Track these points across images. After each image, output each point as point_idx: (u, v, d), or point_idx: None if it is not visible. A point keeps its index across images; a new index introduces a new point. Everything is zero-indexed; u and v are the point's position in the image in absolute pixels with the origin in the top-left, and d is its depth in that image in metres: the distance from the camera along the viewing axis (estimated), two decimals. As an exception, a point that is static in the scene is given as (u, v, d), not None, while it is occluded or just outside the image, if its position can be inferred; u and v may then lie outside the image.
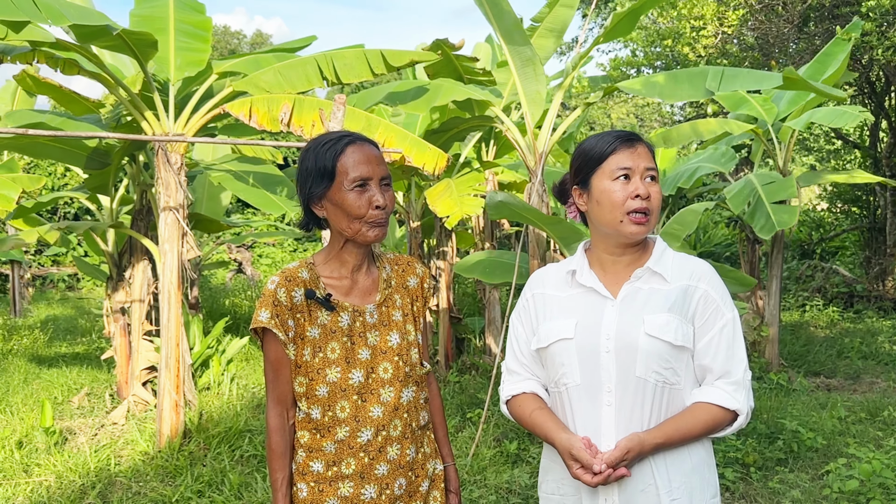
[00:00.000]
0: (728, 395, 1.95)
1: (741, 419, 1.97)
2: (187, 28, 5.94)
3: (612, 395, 1.96)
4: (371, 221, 2.01)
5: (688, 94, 5.49)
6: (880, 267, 12.06)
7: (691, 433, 1.95)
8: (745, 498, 4.70)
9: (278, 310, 1.99)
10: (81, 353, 9.73)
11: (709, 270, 2.03)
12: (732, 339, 1.98)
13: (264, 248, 20.63)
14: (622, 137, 2.01)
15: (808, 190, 17.05)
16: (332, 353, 2.04)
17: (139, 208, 7.13)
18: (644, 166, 1.98)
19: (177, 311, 5.75)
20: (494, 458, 5.33)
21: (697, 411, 1.96)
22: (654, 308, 1.97)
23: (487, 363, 8.00)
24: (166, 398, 5.69)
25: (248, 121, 5.47)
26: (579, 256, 2.12)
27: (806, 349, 8.87)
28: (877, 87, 11.69)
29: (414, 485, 2.13)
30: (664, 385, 1.95)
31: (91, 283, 18.00)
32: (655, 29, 10.82)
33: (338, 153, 2.01)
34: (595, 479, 1.87)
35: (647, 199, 1.96)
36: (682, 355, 1.96)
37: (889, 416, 6.12)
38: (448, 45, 6.23)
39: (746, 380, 1.98)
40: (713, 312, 1.98)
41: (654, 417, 1.95)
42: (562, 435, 1.97)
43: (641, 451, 1.90)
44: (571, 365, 2.00)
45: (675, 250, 2.13)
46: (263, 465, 5.23)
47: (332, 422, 2.03)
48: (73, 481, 5.06)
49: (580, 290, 2.07)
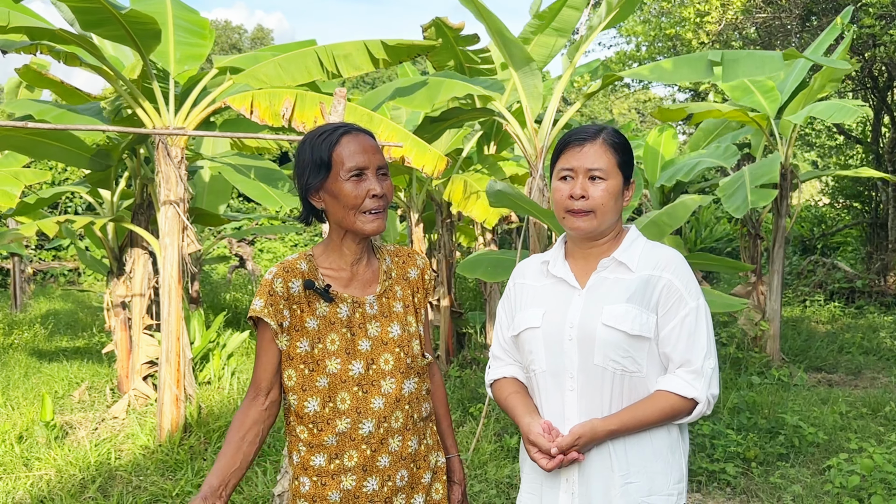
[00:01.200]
0: (686, 384, 1.99)
1: (700, 407, 2.00)
2: (185, 25, 5.96)
3: (574, 381, 2.03)
4: (369, 211, 2.02)
5: (689, 75, 5.56)
6: (882, 262, 12.05)
7: (648, 420, 1.99)
8: (746, 493, 4.69)
9: (272, 299, 2.00)
10: (82, 348, 9.73)
11: (675, 259, 2.06)
12: (694, 327, 2.01)
13: (265, 243, 20.61)
14: (574, 138, 2.07)
15: (810, 185, 17.02)
16: (332, 345, 2.03)
17: (140, 202, 7.12)
18: (587, 167, 2.02)
19: (177, 306, 5.74)
20: (495, 452, 5.33)
21: (656, 399, 2.00)
22: (614, 298, 2.02)
23: (488, 358, 7.99)
24: (167, 392, 5.69)
25: (250, 115, 5.46)
26: (557, 247, 2.20)
27: (807, 344, 8.86)
28: (879, 82, 11.65)
29: (416, 476, 2.13)
30: (623, 373, 2.00)
31: (92, 277, 18.00)
32: (658, 22, 10.80)
33: (333, 143, 2.01)
34: (549, 463, 1.96)
35: (586, 199, 2.02)
36: (641, 344, 1.99)
37: (890, 412, 6.11)
38: (448, 26, 6.20)
39: (707, 368, 2.00)
40: (676, 302, 2.01)
41: (614, 403, 2.01)
42: (525, 419, 2.06)
43: (593, 437, 1.97)
44: (538, 352, 2.09)
45: (664, 244, 2.16)
46: (264, 460, 5.23)
47: (332, 413, 2.02)
48: (74, 475, 5.06)
49: (552, 281, 2.15)
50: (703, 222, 14.14)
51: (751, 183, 7.29)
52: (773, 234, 8.18)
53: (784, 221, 8.12)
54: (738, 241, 12.53)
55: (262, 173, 8.12)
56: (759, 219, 9.12)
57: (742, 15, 9.92)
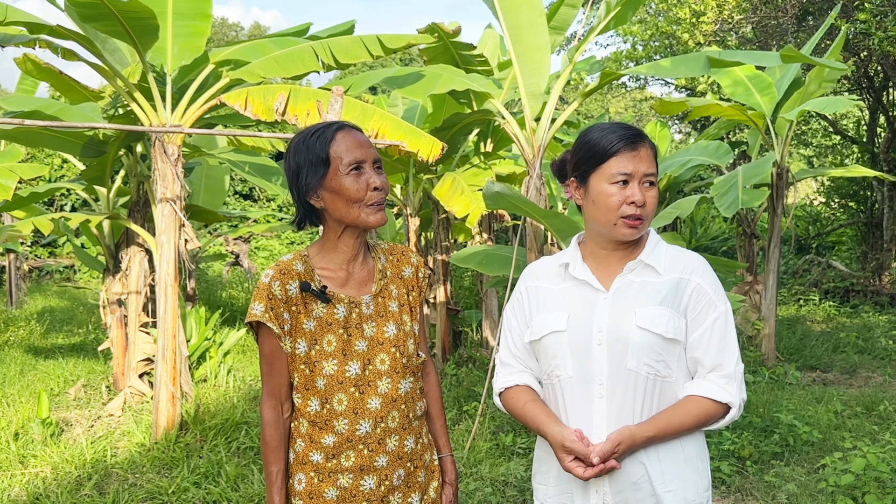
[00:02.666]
0: (720, 388, 1.95)
1: (733, 412, 1.97)
2: (184, 12, 5.87)
3: (603, 388, 1.96)
4: (371, 204, 2.01)
5: (687, 71, 5.59)
6: (877, 262, 12.08)
7: (683, 426, 1.95)
8: (740, 491, 4.71)
9: (272, 303, 1.98)
10: (78, 345, 9.72)
11: (702, 263, 2.03)
12: (724, 332, 1.97)
13: (261, 241, 20.59)
14: (626, 138, 1.97)
15: (806, 185, 17.06)
16: (329, 346, 2.03)
17: (136, 199, 7.11)
18: (643, 171, 1.95)
19: (173, 303, 5.74)
20: (490, 450, 5.34)
21: (689, 404, 1.96)
22: (645, 301, 1.97)
23: (484, 356, 8.00)
24: (163, 390, 5.69)
25: (244, 111, 5.45)
26: (573, 249, 2.12)
27: (802, 343, 8.88)
28: (875, 81, 11.68)
29: (413, 475, 2.13)
30: (655, 378, 1.95)
31: (88, 274, 17.98)
32: (655, 22, 10.81)
33: (328, 140, 2.01)
34: (587, 471, 1.87)
35: (643, 205, 1.96)
36: (674, 348, 1.96)
37: (885, 411, 6.13)
38: (443, 31, 6.20)
39: (738, 372, 1.98)
40: (706, 305, 1.97)
41: (645, 410, 1.96)
42: (554, 427, 1.97)
43: (632, 444, 1.90)
44: (564, 357, 2.01)
45: (665, 236, 2.13)
46: (260, 457, 5.23)
47: (329, 415, 2.02)
48: (70, 473, 5.06)
49: (573, 283, 2.07)
50: (699, 221, 14.18)
51: (743, 182, 7.32)
52: (768, 234, 8.20)
53: (780, 220, 8.14)
54: (733, 241, 12.57)
55: (258, 169, 8.14)
56: (755, 218, 9.14)
57: (738, 14, 9.94)
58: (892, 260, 12.11)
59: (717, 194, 7.51)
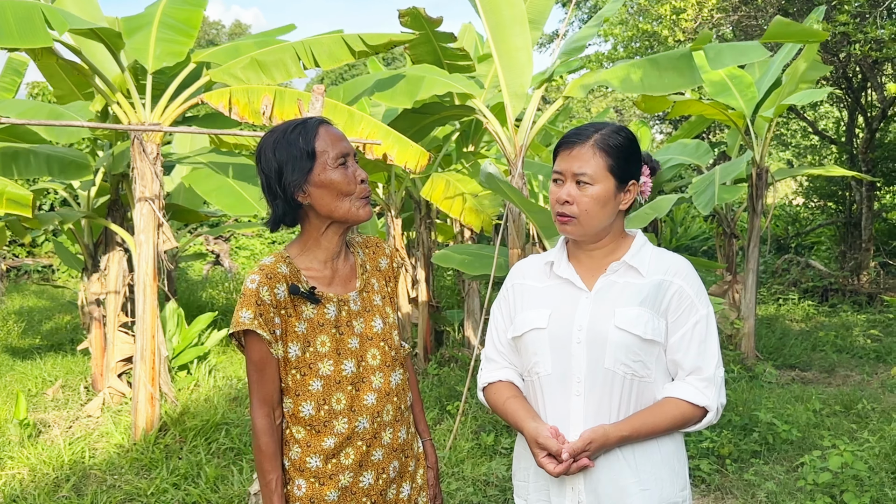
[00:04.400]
0: (698, 392, 1.97)
1: (710, 416, 1.98)
2: (172, 22, 5.92)
3: (581, 386, 1.98)
4: (361, 197, 2.01)
5: (675, 82, 5.29)
6: (855, 261, 12.19)
7: (658, 427, 1.96)
8: (720, 490, 4.73)
9: (262, 308, 1.94)
10: (56, 345, 9.63)
11: (685, 266, 2.04)
12: (705, 335, 1.99)
13: (242, 240, 20.47)
14: (566, 139, 2.03)
15: (785, 185, 17.19)
16: (323, 347, 2.01)
17: (115, 198, 7.05)
18: (573, 171, 1.98)
19: (152, 303, 5.70)
20: (472, 450, 5.34)
21: (666, 406, 1.97)
22: (626, 301, 1.98)
23: (466, 355, 8.00)
24: (142, 390, 5.64)
25: (229, 113, 5.42)
26: (559, 248, 2.14)
27: (781, 342, 8.94)
28: (854, 82, 11.78)
29: (404, 466, 2.16)
30: (633, 377, 1.96)
31: (67, 273, 17.81)
32: (636, 23, 10.85)
33: (313, 134, 1.99)
34: (557, 468, 1.89)
35: (571, 204, 1.98)
36: (653, 349, 1.97)
37: (863, 409, 6.19)
38: (425, 18, 6.17)
39: (718, 376, 1.99)
40: (687, 308, 1.99)
41: (622, 409, 1.97)
42: (531, 423, 1.99)
43: (605, 443, 1.92)
44: (544, 354, 2.03)
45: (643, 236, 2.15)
46: (240, 458, 5.20)
47: (328, 416, 2.01)
48: (47, 474, 5.01)
49: (557, 282, 2.09)
50: (679, 221, 14.25)
51: (720, 180, 7.37)
52: (748, 233, 8.25)
53: (759, 220, 8.19)
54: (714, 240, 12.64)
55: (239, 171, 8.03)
56: (735, 218, 9.20)
57: (718, 13, 9.99)
58: (870, 259, 12.23)
59: (694, 192, 7.56)
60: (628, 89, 5.48)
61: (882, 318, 10.21)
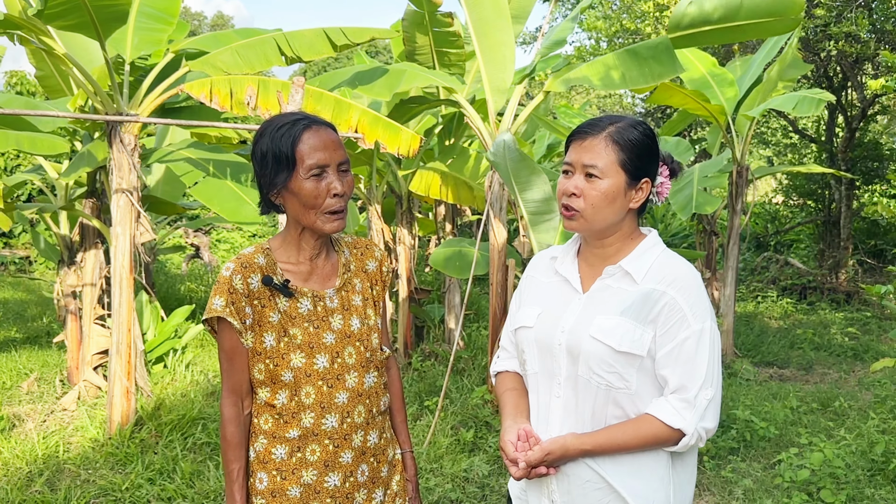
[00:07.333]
0: (674, 413, 1.83)
1: (687, 439, 1.84)
2: (151, 11, 5.82)
3: (561, 388, 1.94)
4: (329, 211, 1.96)
5: (656, 71, 5.06)
6: (834, 259, 12.29)
7: (626, 445, 1.86)
8: (697, 487, 4.74)
9: (234, 297, 1.94)
10: (32, 337, 9.51)
11: (685, 276, 1.90)
12: (694, 353, 1.84)
13: (222, 233, 20.34)
14: (579, 130, 1.94)
15: (765, 183, 17.29)
16: (295, 339, 2.00)
17: (91, 190, 6.96)
18: (583, 162, 1.90)
19: (129, 296, 5.63)
20: (451, 446, 5.32)
21: (642, 423, 1.86)
22: (610, 309, 1.89)
23: (447, 351, 7.98)
24: (117, 384, 5.58)
25: (210, 102, 5.36)
26: (571, 243, 2.09)
27: (760, 340, 8.99)
28: (834, 81, 11.86)
29: (375, 471, 2.13)
30: (608, 388, 1.87)
31: (44, 265, 17.62)
32: (619, 19, 10.86)
33: (295, 139, 1.94)
34: (517, 473, 1.88)
35: (578, 196, 1.91)
36: (631, 361, 1.85)
37: (840, 407, 6.23)
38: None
39: (702, 398, 1.84)
40: (677, 322, 1.85)
41: (596, 418, 1.90)
42: (507, 422, 1.99)
43: (564, 454, 1.87)
44: (531, 353, 2.01)
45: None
46: (216, 454, 5.15)
47: (297, 407, 1.99)
48: (20, 468, 4.94)
49: (558, 279, 2.05)
50: (659, 218, 14.30)
51: (698, 183, 7.37)
52: (727, 231, 8.29)
53: (739, 218, 8.23)
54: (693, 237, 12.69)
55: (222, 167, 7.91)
56: (715, 216, 9.23)
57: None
58: (848, 258, 12.33)
59: (672, 192, 7.55)
60: (609, 87, 5.39)
61: (860, 317, 10.30)
